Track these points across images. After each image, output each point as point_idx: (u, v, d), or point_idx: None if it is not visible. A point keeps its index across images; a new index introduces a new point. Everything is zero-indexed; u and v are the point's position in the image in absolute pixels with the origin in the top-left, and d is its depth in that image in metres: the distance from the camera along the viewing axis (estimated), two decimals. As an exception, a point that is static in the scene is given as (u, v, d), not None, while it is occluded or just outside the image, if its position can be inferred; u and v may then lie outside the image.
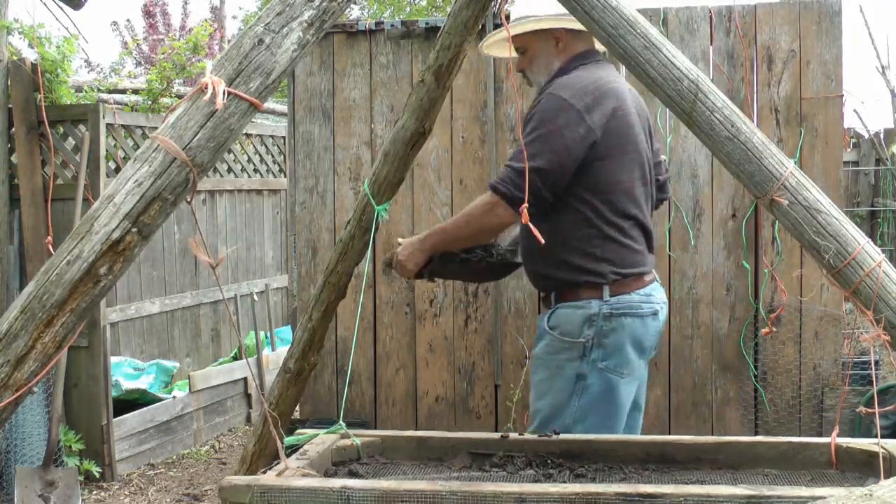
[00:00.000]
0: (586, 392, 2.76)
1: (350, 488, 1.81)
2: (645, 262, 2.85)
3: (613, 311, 2.75)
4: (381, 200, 2.72)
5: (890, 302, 1.89)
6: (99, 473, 4.72)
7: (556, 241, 2.73)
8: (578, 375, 2.77)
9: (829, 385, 4.19)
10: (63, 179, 4.79)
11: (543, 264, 2.85)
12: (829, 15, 4.16)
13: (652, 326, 2.83)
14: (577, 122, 2.70)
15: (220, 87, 1.75)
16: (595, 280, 2.76)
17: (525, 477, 2.16)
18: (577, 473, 2.17)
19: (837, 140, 4.22)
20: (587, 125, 2.70)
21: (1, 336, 1.68)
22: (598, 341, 2.76)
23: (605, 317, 2.75)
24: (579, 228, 2.77)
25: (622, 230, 2.79)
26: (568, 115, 2.70)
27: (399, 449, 2.36)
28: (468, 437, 2.37)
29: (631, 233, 2.81)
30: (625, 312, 2.77)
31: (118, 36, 15.58)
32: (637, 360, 2.81)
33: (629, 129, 2.80)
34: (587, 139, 2.71)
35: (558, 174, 2.69)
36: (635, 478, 2.15)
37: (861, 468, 2.12)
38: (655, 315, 2.84)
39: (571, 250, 2.78)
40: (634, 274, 2.81)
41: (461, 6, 2.39)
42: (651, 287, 2.85)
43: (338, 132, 4.45)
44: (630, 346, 2.78)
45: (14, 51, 4.85)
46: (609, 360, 2.76)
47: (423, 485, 1.82)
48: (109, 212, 1.73)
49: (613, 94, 2.78)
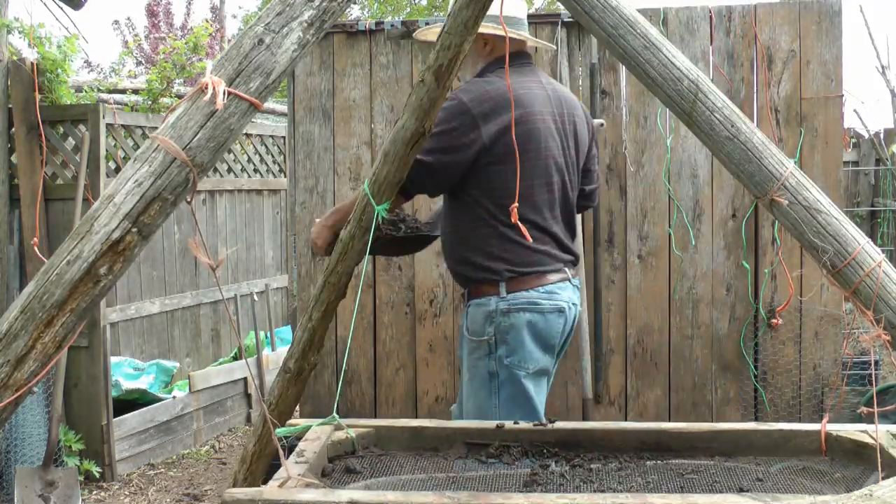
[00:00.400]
0: (501, 390, 2.83)
1: (357, 502, 1.79)
2: (545, 262, 2.88)
3: (511, 306, 2.81)
4: (381, 200, 2.71)
5: (890, 302, 1.89)
6: (99, 473, 4.72)
7: (459, 240, 2.90)
8: (490, 374, 2.84)
9: (829, 385, 4.19)
10: (63, 179, 4.79)
11: (453, 261, 2.97)
12: (829, 15, 4.16)
13: (556, 323, 2.87)
14: (470, 128, 2.79)
15: (220, 87, 1.75)
16: (492, 277, 2.83)
17: (521, 466, 2.17)
18: (573, 464, 2.17)
19: (837, 140, 4.23)
20: (479, 131, 2.78)
21: (1, 336, 1.68)
22: (500, 337, 2.82)
23: (503, 312, 2.81)
24: (477, 228, 2.86)
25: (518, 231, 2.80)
26: (463, 119, 2.78)
27: (394, 439, 2.34)
28: (464, 427, 2.36)
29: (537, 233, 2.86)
30: (522, 308, 2.82)
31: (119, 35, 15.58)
32: (542, 355, 2.86)
33: (533, 135, 2.85)
34: (475, 144, 2.79)
35: (442, 173, 2.80)
36: (631, 467, 2.16)
37: (850, 456, 2.14)
38: (560, 312, 2.88)
39: (471, 248, 2.88)
40: (533, 272, 2.85)
41: (461, 6, 2.38)
42: (557, 286, 2.88)
43: (338, 132, 4.45)
44: (532, 340, 2.83)
45: (14, 51, 4.85)
46: (513, 357, 2.82)
47: (430, 497, 1.81)
48: (109, 212, 1.73)
49: (519, 101, 2.82)
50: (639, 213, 4.29)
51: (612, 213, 4.31)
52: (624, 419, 4.31)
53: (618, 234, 4.31)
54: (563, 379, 4.33)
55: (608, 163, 4.30)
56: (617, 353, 4.32)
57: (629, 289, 4.30)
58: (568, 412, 4.31)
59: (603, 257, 4.30)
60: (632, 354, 4.31)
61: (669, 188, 4.25)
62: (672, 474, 2.11)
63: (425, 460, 2.25)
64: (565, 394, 4.33)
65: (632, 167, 4.26)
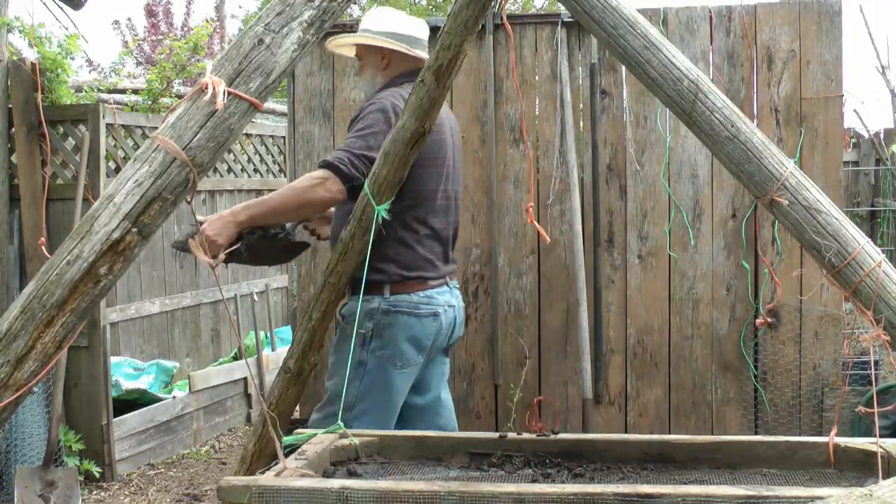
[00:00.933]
0: (366, 376, 3.05)
1: (349, 489, 1.81)
2: (428, 269, 3.12)
3: (392, 307, 3.04)
4: (381, 200, 2.72)
5: (890, 302, 1.89)
6: (99, 473, 4.72)
7: None
8: (360, 362, 3.05)
9: (829, 385, 4.19)
10: (63, 179, 4.79)
11: None
12: (829, 15, 4.16)
13: (430, 326, 3.10)
14: None
15: (220, 87, 1.75)
16: (380, 278, 3.03)
17: (523, 476, 2.16)
18: (575, 473, 2.17)
19: (837, 140, 4.22)
20: None
21: (1, 336, 1.68)
22: (377, 332, 3.05)
23: (384, 312, 3.04)
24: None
25: (416, 236, 3.09)
26: (392, 122, 2.94)
27: (397, 448, 2.36)
28: (466, 437, 2.37)
29: (423, 240, 3.11)
30: (402, 310, 3.05)
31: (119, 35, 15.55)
32: (415, 354, 3.09)
33: (440, 145, 3.12)
34: None
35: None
36: (633, 477, 2.15)
37: (859, 468, 2.12)
38: (436, 316, 3.11)
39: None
40: (416, 277, 3.09)
41: (461, 6, 2.39)
42: (436, 290, 3.12)
43: (338, 132, 4.45)
44: (405, 341, 3.06)
45: (14, 50, 4.84)
46: (385, 351, 3.05)
47: (421, 485, 1.82)
48: (109, 212, 1.73)
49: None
50: (639, 213, 4.29)
51: (612, 213, 4.31)
52: (624, 419, 4.31)
53: (618, 234, 4.31)
54: (563, 379, 4.33)
55: (608, 163, 4.30)
56: (617, 352, 4.32)
57: (629, 289, 4.30)
58: (568, 412, 4.31)
59: (603, 257, 4.30)
60: (632, 354, 4.31)
61: (670, 190, 4.25)
62: (674, 483, 2.10)
63: (427, 468, 2.26)
64: (565, 394, 4.33)
65: (638, 167, 4.26)
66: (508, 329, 4.35)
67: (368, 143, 2.94)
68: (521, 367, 4.32)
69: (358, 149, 2.93)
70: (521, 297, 4.35)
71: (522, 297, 4.35)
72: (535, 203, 4.33)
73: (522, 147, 4.32)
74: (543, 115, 4.34)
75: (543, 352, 4.35)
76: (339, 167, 2.90)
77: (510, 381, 4.33)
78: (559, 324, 4.33)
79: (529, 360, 4.32)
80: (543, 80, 4.33)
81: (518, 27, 4.34)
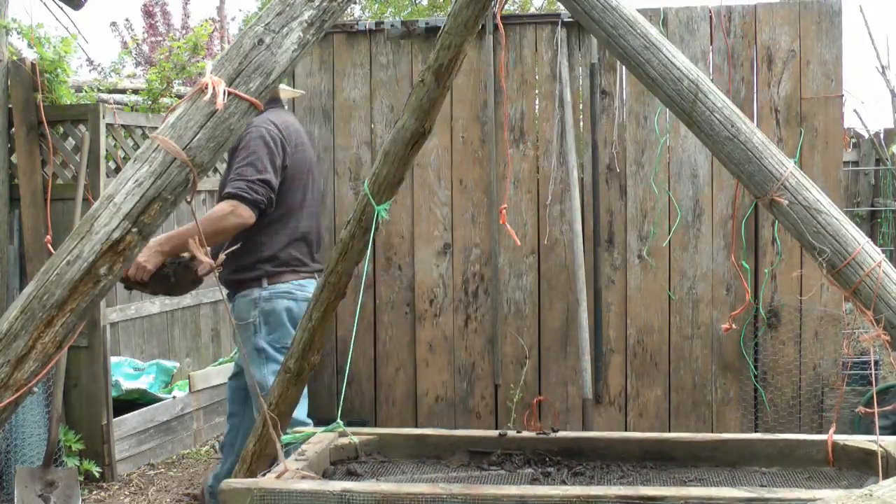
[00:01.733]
0: (269, 362, 3.49)
1: (350, 491, 1.80)
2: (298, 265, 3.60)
3: (272, 294, 3.52)
4: (381, 200, 2.72)
5: (890, 302, 1.89)
6: (99, 473, 4.72)
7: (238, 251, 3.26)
8: (258, 350, 3.51)
9: (829, 385, 4.19)
10: (63, 179, 4.78)
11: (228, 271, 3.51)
12: (829, 15, 4.16)
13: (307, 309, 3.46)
14: (279, 151, 3.52)
15: (220, 87, 1.75)
16: (257, 274, 3.52)
17: (523, 475, 2.16)
18: (575, 471, 2.17)
19: (837, 140, 4.23)
20: (284, 154, 3.55)
21: (1, 336, 1.68)
22: (263, 319, 3.51)
23: (266, 299, 3.52)
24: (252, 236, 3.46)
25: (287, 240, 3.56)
26: (274, 144, 3.51)
27: (397, 447, 2.35)
28: (466, 435, 2.37)
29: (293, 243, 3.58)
30: (280, 295, 3.53)
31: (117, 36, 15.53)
32: None
33: (305, 159, 3.66)
34: (283, 164, 3.54)
35: (274, 186, 3.49)
36: (633, 476, 2.15)
37: (858, 466, 2.13)
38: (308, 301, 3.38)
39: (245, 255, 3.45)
40: (290, 270, 3.58)
41: (461, 6, 2.38)
42: (306, 280, 3.61)
43: (338, 132, 4.45)
44: (288, 322, 3.52)
45: (14, 51, 4.84)
46: (273, 334, 3.51)
47: (423, 487, 1.82)
48: (109, 212, 1.73)
49: (296, 132, 3.67)
50: (639, 213, 4.29)
51: (612, 213, 4.31)
52: (624, 419, 4.31)
53: (618, 234, 4.31)
54: (563, 379, 4.33)
55: (608, 163, 4.30)
56: (617, 352, 4.32)
57: (629, 289, 4.30)
58: (568, 412, 4.31)
59: (603, 257, 4.30)
60: (632, 354, 4.31)
61: (669, 191, 4.25)
62: (674, 482, 2.10)
63: (427, 467, 2.26)
64: (565, 394, 4.33)
65: (639, 166, 4.26)
66: (508, 329, 4.35)
67: (257, 167, 3.44)
68: (521, 366, 4.32)
69: (250, 176, 3.42)
70: (521, 297, 4.35)
71: (522, 297, 4.35)
72: (534, 203, 4.34)
73: (522, 147, 4.33)
74: (543, 116, 4.34)
75: (543, 352, 4.35)
76: (243, 196, 3.39)
77: (510, 381, 4.34)
78: (559, 324, 4.33)
79: (529, 359, 4.32)
80: (543, 79, 4.33)
81: (518, 27, 4.35)
